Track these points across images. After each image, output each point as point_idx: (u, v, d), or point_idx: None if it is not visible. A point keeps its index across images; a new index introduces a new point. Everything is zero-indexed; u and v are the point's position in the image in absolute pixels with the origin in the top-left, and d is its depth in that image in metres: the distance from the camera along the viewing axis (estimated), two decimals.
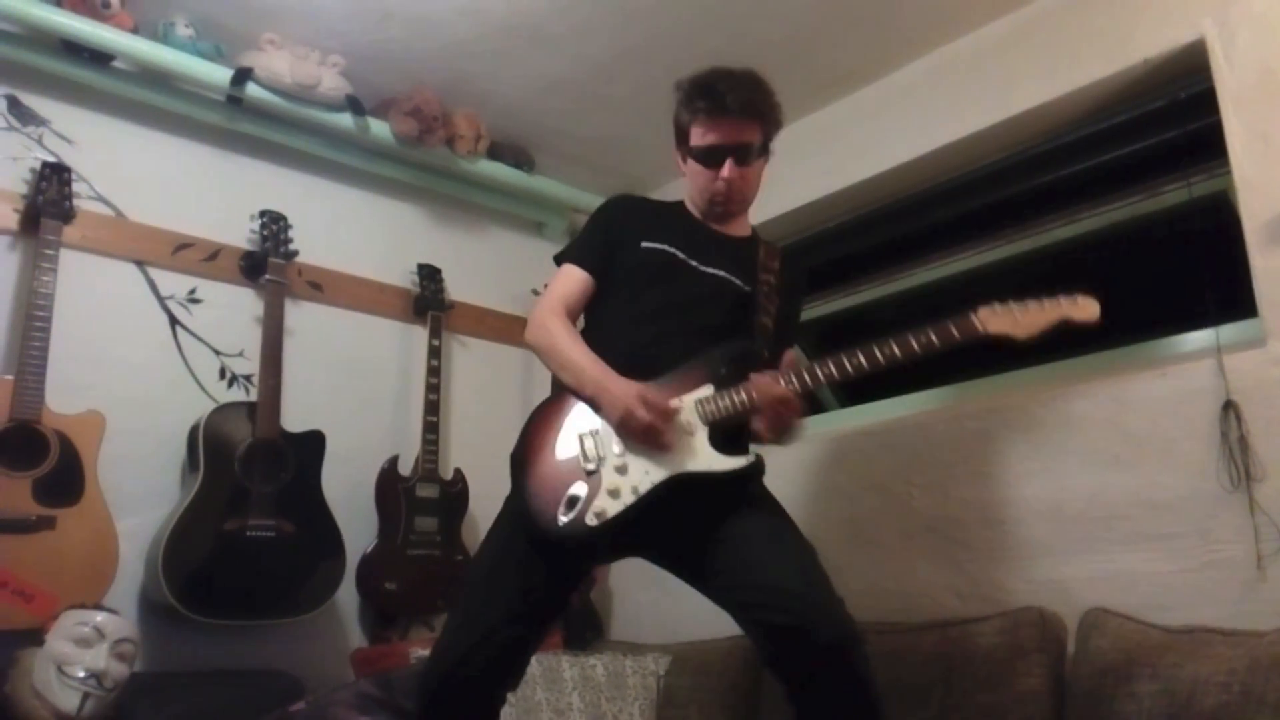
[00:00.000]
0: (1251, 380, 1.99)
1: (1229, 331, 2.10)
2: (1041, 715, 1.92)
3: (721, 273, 1.92)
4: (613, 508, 1.71)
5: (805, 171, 3.00)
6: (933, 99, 2.74)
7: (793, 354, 1.98)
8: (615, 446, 1.75)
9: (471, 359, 3.39)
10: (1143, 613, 1.96)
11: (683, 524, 1.75)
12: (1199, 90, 2.24)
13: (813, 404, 3.20)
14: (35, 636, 2.11)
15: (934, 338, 1.71)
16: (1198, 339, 2.21)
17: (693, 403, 1.77)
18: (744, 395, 1.75)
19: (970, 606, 2.30)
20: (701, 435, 1.75)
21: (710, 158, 1.89)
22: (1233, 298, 2.11)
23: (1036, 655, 1.99)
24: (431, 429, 3.01)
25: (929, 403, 2.71)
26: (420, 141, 3.07)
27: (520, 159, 3.37)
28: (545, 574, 1.78)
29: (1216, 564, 1.97)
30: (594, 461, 1.75)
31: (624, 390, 1.74)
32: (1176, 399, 2.09)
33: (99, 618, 2.14)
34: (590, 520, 1.70)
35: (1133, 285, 2.53)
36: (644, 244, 1.92)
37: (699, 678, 2.57)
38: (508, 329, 3.49)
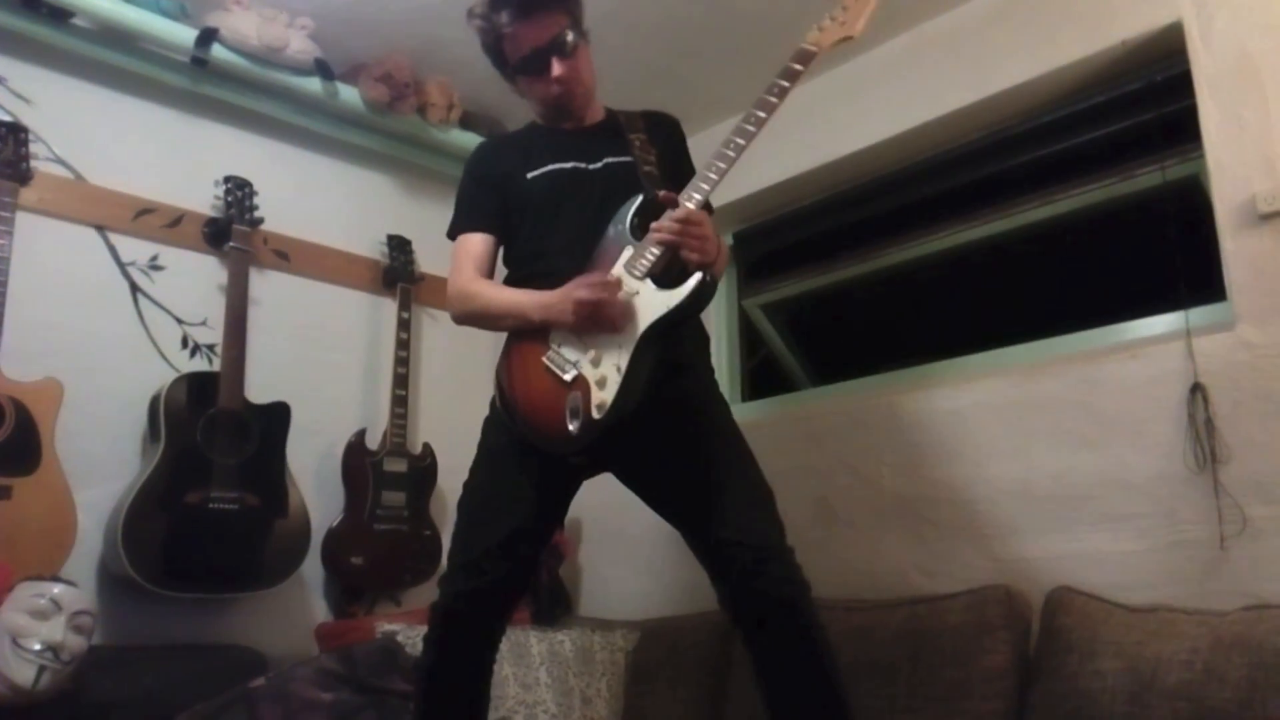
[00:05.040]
0: (1220, 363, 2.01)
1: (1199, 315, 2.12)
2: (1006, 691, 1.94)
3: (609, 159, 1.93)
4: (609, 395, 1.71)
5: (781, 148, 2.96)
6: (911, 77, 2.73)
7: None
8: (579, 348, 1.77)
9: (441, 333, 3.35)
10: (1108, 591, 1.98)
11: (661, 436, 1.78)
12: (1176, 73, 2.25)
13: (784, 383, 3.21)
14: None
15: (782, 81, 1.76)
16: (1168, 322, 2.22)
17: (622, 270, 1.78)
18: (656, 238, 1.74)
19: (938, 584, 2.31)
20: (647, 288, 1.75)
21: (533, 65, 1.88)
22: (1203, 281, 2.13)
23: (1002, 632, 2.01)
24: (400, 403, 2.98)
25: (901, 382, 2.71)
26: (391, 109, 3.01)
27: (494, 130, 3.31)
28: (541, 494, 1.84)
29: (1181, 544, 2.00)
30: (570, 370, 1.76)
31: (561, 292, 1.76)
32: (1146, 381, 2.11)
33: (56, 589, 2.09)
34: (596, 414, 1.71)
35: (1105, 267, 2.55)
36: (529, 175, 1.93)
37: (667, 653, 2.57)
38: None
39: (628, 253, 1.78)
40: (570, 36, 1.88)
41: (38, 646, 2.01)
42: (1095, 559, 2.10)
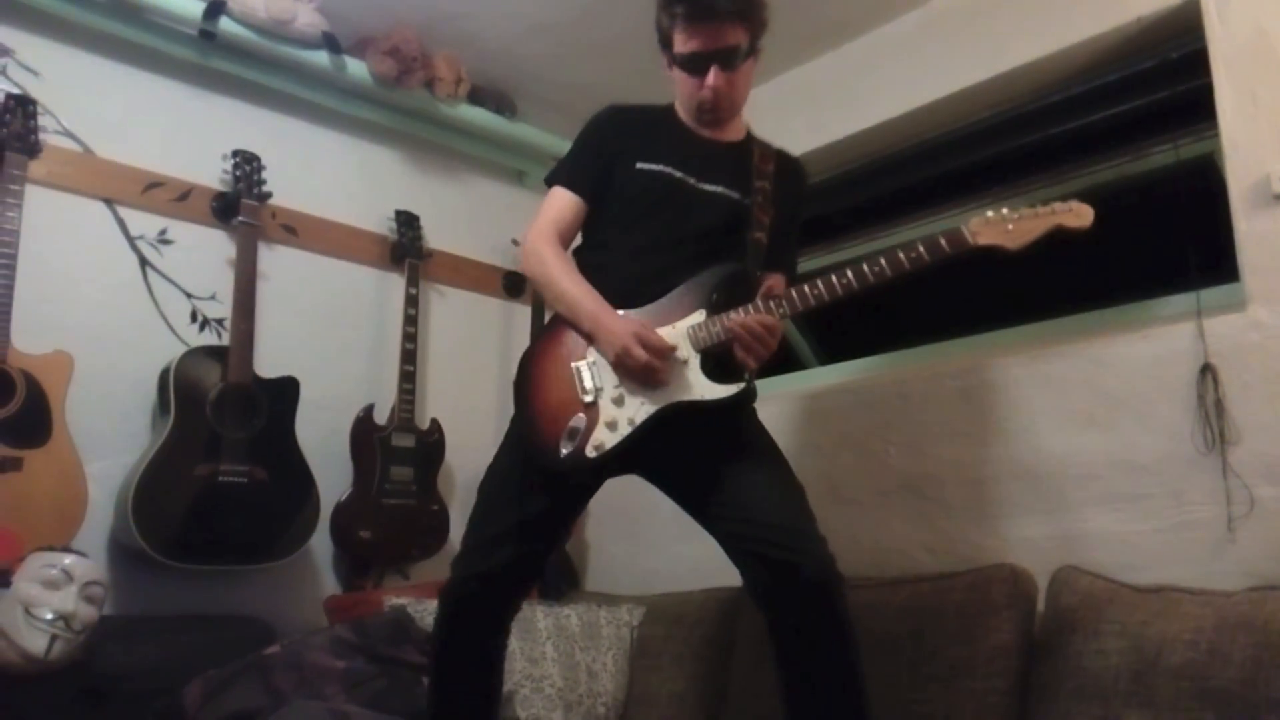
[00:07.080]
0: (1230, 344, 1.99)
1: (1210, 295, 2.10)
2: (1010, 669, 1.94)
3: (720, 189, 1.88)
4: (610, 440, 1.73)
5: (791, 126, 2.94)
6: (922, 54, 2.70)
7: (776, 280, 1.92)
8: (612, 378, 1.76)
9: (449, 308, 3.35)
10: (1114, 571, 1.98)
11: (683, 450, 1.77)
12: (1190, 50, 2.22)
13: (791, 361, 3.20)
14: (2, 578, 2.07)
15: (924, 252, 1.69)
16: (1178, 302, 2.20)
17: (685, 330, 1.77)
18: (728, 326, 1.73)
19: (943, 563, 2.32)
20: (694, 363, 1.75)
21: (694, 65, 1.84)
22: (1215, 261, 2.11)
23: (1007, 611, 2.01)
24: (408, 378, 2.98)
25: (908, 361, 2.71)
26: (399, 83, 3.00)
27: (502, 104, 3.30)
28: (553, 495, 1.82)
29: (1188, 525, 1.99)
30: (592, 393, 1.76)
31: (621, 328, 1.74)
32: (1155, 361, 2.10)
33: (67, 560, 2.11)
34: (590, 453, 1.73)
35: (1116, 247, 2.53)
36: (640, 165, 1.88)
37: (673, 628, 2.58)
38: (486, 279, 3.45)
39: (698, 316, 1.77)
40: (741, 51, 1.83)
41: (49, 616, 2.03)
42: (1101, 539, 2.10)
